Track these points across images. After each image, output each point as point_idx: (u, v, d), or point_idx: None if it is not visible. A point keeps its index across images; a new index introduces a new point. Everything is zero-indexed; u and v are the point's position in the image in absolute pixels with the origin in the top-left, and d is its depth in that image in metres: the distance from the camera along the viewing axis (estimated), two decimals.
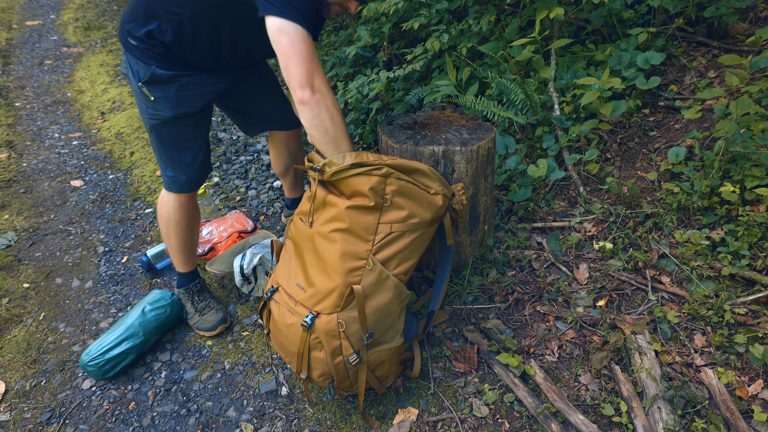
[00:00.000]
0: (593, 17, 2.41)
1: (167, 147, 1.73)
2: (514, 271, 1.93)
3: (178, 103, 1.63)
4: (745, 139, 1.79)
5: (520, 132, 2.43)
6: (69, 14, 7.01)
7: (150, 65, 1.57)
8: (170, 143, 1.72)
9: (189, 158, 1.75)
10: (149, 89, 1.62)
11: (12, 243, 2.58)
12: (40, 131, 3.85)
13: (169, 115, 1.64)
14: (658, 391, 1.43)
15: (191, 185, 1.80)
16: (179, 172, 1.76)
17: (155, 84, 1.60)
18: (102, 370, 1.74)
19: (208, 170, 1.86)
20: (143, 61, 1.58)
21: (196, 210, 1.90)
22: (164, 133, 1.70)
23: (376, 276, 1.38)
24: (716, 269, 1.70)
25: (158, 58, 1.56)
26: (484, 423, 1.51)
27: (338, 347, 1.37)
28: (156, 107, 1.64)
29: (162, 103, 1.63)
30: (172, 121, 1.66)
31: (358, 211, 1.39)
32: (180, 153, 1.74)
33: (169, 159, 1.74)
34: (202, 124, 1.75)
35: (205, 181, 1.86)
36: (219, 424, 1.61)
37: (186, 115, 1.66)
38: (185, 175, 1.77)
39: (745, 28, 2.28)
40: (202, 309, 1.94)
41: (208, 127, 1.80)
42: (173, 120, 1.66)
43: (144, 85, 1.61)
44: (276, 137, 2.11)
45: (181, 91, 1.61)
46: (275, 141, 2.13)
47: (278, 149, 2.15)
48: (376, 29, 2.82)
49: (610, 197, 2.06)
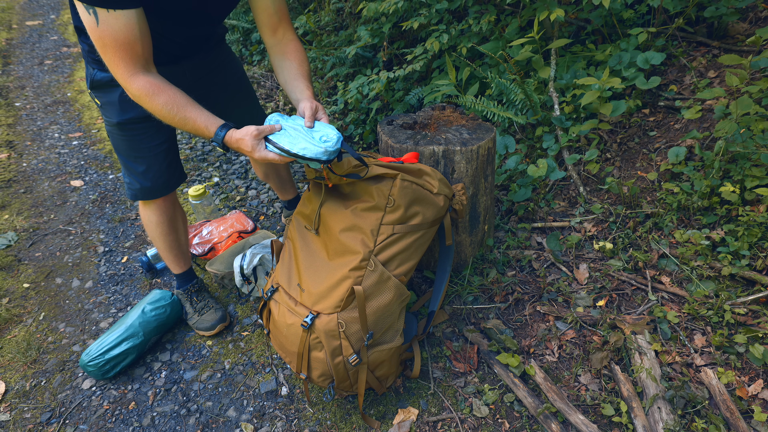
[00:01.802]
0: (593, 17, 2.41)
1: (121, 155, 1.65)
2: (514, 271, 1.93)
3: (123, 108, 1.52)
4: (745, 139, 1.79)
5: (520, 132, 2.43)
6: (69, 14, 7.00)
7: (93, 69, 1.48)
8: (123, 151, 1.63)
9: (142, 167, 1.65)
10: (95, 94, 1.54)
11: (12, 243, 2.58)
12: (40, 131, 3.85)
13: (115, 121, 1.55)
14: (658, 391, 1.43)
15: (146, 194, 1.70)
16: (133, 180, 1.68)
17: (99, 89, 1.51)
18: (102, 370, 1.74)
19: (174, 179, 1.73)
20: (89, 65, 1.49)
21: (176, 210, 1.83)
22: (117, 140, 1.61)
23: (377, 277, 1.38)
24: (716, 269, 1.70)
25: (96, 61, 1.44)
26: (484, 423, 1.51)
27: (338, 347, 1.37)
28: (105, 113, 1.56)
29: (108, 109, 1.54)
30: (120, 127, 1.56)
31: (361, 213, 1.40)
32: (133, 162, 1.64)
33: (124, 166, 1.67)
34: (159, 131, 1.61)
35: (170, 190, 1.74)
36: (219, 424, 1.61)
37: (135, 120, 1.54)
38: (139, 183, 1.68)
39: (745, 28, 2.28)
40: (201, 309, 1.94)
41: (171, 134, 1.67)
42: (121, 126, 1.56)
43: (91, 90, 1.54)
44: None
45: (125, 95, 1.42)
46: None
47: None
48: (376, 29, 2.83)
49: (610, 197, 2.06)
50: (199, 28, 1.53)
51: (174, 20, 1.40)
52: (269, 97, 3.76)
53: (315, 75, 3.56)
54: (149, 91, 1.28)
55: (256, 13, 1.55)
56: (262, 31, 1.57)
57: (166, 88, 1.30)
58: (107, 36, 1.20)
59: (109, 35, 1.20)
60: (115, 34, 1.20)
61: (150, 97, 1.28)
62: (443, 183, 1.51)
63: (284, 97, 3.58)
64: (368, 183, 1.40)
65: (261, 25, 1.56)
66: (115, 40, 1.21)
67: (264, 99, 3.74)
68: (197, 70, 1.64)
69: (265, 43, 1.62)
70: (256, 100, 1.92)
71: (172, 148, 1.70)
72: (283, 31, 1.56)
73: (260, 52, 4.29)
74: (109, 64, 1.26)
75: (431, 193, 1.47)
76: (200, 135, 1.34)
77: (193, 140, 3.46)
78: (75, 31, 1.47)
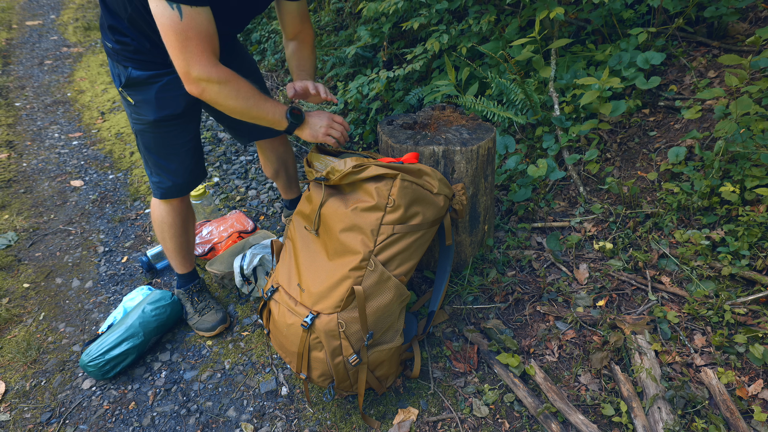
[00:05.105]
0: (593, 17, 2.41)
1: (152, 153, 1.67)
2: (514, 271, 1.93)
3: (159, 106, 1.55)
4: (745, 139, 1.79)
5: (520, 132, 2.43)
6: (69, 14, 7.01)
7: (127, 67, 1.51)
8: (155, 149, 1.66)
9: (175, 164, 1.69)
10: (129, 93, 1.56)
11: (12, 243, 2.58)
12: (40, 131, 3.85)
13: (151, 119, 1.57)
14: (658, 391, 1.43)
15: (176, 191, 1.74)
16: (164, 178, 1.70)
17: (134, 87, 1.54)
18: (102, 371, 1.74)
19: (200, 176, 1.79)
20: (121, 63, 1.52)
21: (189, 211, 1.86)
22: (149, 139, 1.64)
23: (377, 277, 1.38)
24: (716, 269, 1.70)
25: (132, 59, 1.49)
26: (484, 423, 1.51)
27: (338, 347, 1.37)
28: (138, 111, 1.58)
29: (143, 107, 1.56)
30: (155, 125, 1.59)
31: (361, 213, 1.40)
32: (165, 159, 1.67)
33: (155, 165, 1.69)
34: (188, 127, 1.67)
35: (195, 186, 1.80)
36: (219, 424, 1.61)
37: (170, 118, 1.59)
38: (170, 181, 1.71)
39: (745, 28, 2.28)
40: (202, 309, 1.94)
41: (197, 131, 1.73)
42: (157, 123, 1.59)
43: (123, 89, 1.55)
44: (262, 142, 2.07)
45: (162, 92, 1.53)
46: (262, 145, 2.09)
47: (265, 153, 2.11)
48: (376, 29, 2.83)
49: (610, 197, 2.06)
50: (239, 24, 1.62)
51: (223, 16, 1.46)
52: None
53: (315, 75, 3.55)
54: (233, 74, 1.38)
55: (282, 15, 1.73)
56: (285, 30, 1.77)
57: (240, 75, 1.41)
58: (191, 29, 1.27)
59: (194, 28, 1.27)
60: (199, 27, 1.28)
61: (236, 80, 1.38)
62: (443, 183, 1.51)
63: (284, 97, 3.58)
64: (368, 183, 1.40)
65: (284, 25, 1.75)
66: (199, 33, 1.28)
67: None
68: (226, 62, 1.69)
69: (284, 39, 1.83)
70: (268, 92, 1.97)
71: (198, 145, 1.76)
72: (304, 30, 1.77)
73: (260, 52, 4.29)
74: (189, 57, 1.30)
75: (431, 193, 1.47)
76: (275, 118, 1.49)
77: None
78: (106, 31, 1.48)
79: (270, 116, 1.48)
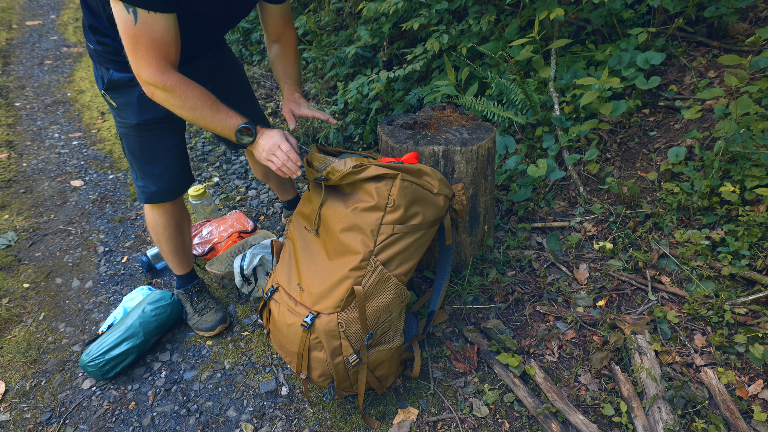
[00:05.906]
0: (593, 17, 2.41)
1: (137, 157, 1.63)
2: (514, 271, 1.93)
3: (142, 109, 1.52)
4: (745, 139, 1.79)
5: (520, 132, 2.43)
6: (69, 14, 7.01)
7: (108, 69, 1.48)
8: (139, 153, 1.62)
9: (159, 169, 1.65)
10: (111, 95, 1.53)
11: (12, 243, 2.58)
12: (40, 131, 3.84)
13: (134, 122, 1.54)
14: (658, 391, 1.43)
15: (161, 196, 1.70)
16: (149, 182, 1.67)
17: (116, 90, 1.51)
18: (102, 371, 1.74)
19: (187, 181, 1.75)
20: (103, 65, 1.49)
21: (183, 213, 1.83)
22: (133, 142, 1.60)
23: (377, 277, 1.38)
24: (716, 269, 1.70)
25: (114, 60, 1.46)
26: (484, 423, 1.51)
27: (338, 347, 1.37)
28: (121, 114, 1.55)
29: (126, 110, 1.53)
30: (138, 129, 1.56)
31: (361, 213, 1.40)
32: (150, 164, 1.64)
33: (140, 169, 1.66)
34: (173, 132, 1.63)
35: (181, 193, 1.76)
36: (219, 424, 1.61)
37: (153, 121, 1.55)
38: (155, 186, 1.67)
39: (745, 28, 2.28)
40: (201, 309, 1.94)
41: (182, 137, 1.69)
42: (140, 127, 1.55)
43: (106, 91, 1.53)
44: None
45: (144, 95, 1.44)
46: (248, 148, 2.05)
47: (252, 156, 2.07)
48: (376, 29, 2.82)
49: (610, 197, 2.06)
50: (221, 29, 1.58)
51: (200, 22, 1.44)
52: (269, 97, 3.76)
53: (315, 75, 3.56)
54: (183, 82, 1.34)
55: (265, 17, 1.67)
56: (268, 32, 1.71)
57: (194, 84, 1.37)
58: (144, 34, 1.24)
59: (146, 34, 1.24)
60: (153, 34, 1.25)
61: (183, 89, 1.34)
62: (443, 183, 1.51)
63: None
64: (368, 183, 1.40)
65: (267, 27, 1.69)
66: (152, 39, 1.26)
67: (264, 99, 3.74)
68: (206, 68, 1.67)
69: (266, 40, 1.78)
70: (255, 99, 1.96)
71: (184, 150, 1.71)
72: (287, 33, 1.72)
73: (260, 52, 4.29)
74: (138, 61, 1.28)
75: (431, 193, 1.47)
76: (224, 131, 1.42)
77: (193, 140, 3.46)
78: (87, 31, 1.46)
79: (219, 128, 1.42)
